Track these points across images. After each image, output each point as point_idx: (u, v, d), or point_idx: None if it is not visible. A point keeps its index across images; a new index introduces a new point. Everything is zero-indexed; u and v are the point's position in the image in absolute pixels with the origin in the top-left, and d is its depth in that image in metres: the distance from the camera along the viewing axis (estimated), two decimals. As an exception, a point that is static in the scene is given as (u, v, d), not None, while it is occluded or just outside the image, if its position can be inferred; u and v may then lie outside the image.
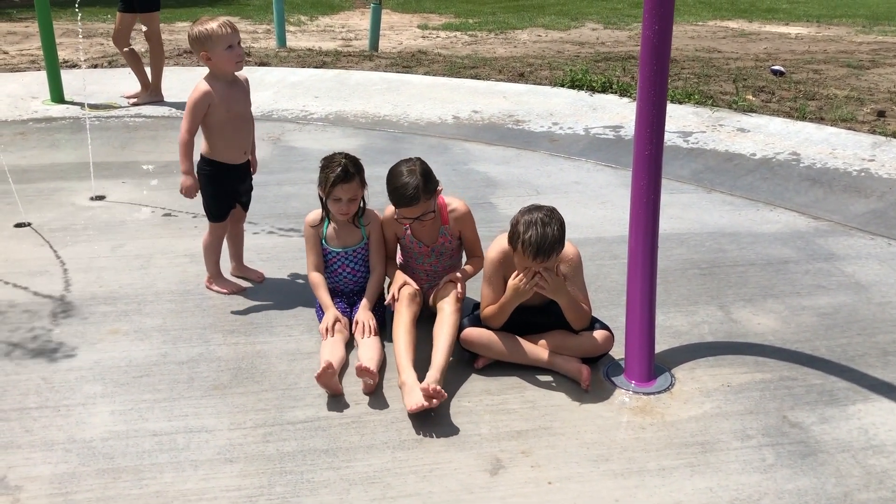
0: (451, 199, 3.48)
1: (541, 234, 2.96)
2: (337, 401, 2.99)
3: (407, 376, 2.96)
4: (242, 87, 3.67)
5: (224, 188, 3.72)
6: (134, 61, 7.39)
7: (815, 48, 11.03)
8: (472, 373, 3.20)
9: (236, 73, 3.64)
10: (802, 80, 8.38)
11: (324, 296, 3.44)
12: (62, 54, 8.77)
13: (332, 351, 3.17)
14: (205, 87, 3.52)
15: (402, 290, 3.30)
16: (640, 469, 2.66)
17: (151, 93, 7.46)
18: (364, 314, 3.36)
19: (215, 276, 3.86)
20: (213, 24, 3.49)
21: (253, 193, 3.89)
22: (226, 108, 3.56)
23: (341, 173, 3.32)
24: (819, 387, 3.13)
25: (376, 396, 3.03)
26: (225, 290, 3.83)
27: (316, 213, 3.53)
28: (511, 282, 3.09)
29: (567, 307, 3.13)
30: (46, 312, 3.62)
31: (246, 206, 3.90)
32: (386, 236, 3.53)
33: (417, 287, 3.37)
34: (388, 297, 3.35)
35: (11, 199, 4.89)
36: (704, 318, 3.66)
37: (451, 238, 3.49)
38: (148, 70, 7.48)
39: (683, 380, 3.16)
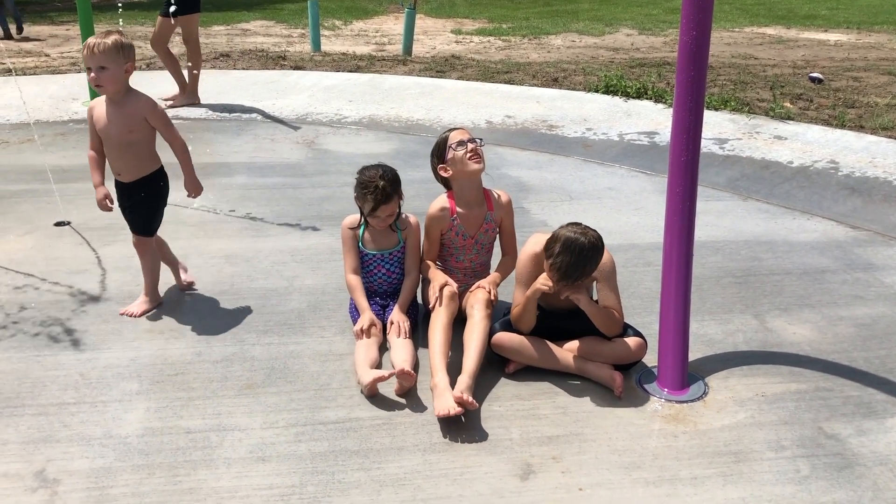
0: (495, 189, 3.58)
1: (572, 264, 2.97)
2: (368, 402, 3.01)
3: (440, 379, 2.97)
4: (124, 111, 3.41)
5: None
6: (172, 64, 7.50)
7: (854, 55, 10.86)
8: (502, 377, 3.20)
9: (129, 95, 3.43)
10: (842, 88, 8.26)
11: (360, 299, 3.46)
12: (102, 57, 8.91)
13: (366, 353, 3.19)
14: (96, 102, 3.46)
15: (443, 290, 3.31)
16: (671, 477, 2.63)
17: (188, 95, 7.57)
18: (399, 315, 3.37)
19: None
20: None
21: (287, 194, 3.89)
22: (97, 128, 3.45)
23: (382, 198, 3.34)
24: (856, 398, 3.08)
25: (408, 399, 3.04)
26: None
27: (353, 217, 3.56)
28: (538, 279, 3.10)
29: (593, 316, 3.12)
30: (84, 310, 3.69)
31: (132, 228, 3.65)
32: (431, 235, 3.53)
33: (456, 288, 3.37)
34: (431, 302, 3.32)
35: (52, 198, 4.99)
36: (739, 326, 3.62)
37: (494, 225, 3.55)
38: (185, 73, 7.59)
39: (717, 388, 3.13)
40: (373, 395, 3.02)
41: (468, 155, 3.40)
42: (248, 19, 15.06)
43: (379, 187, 3.34)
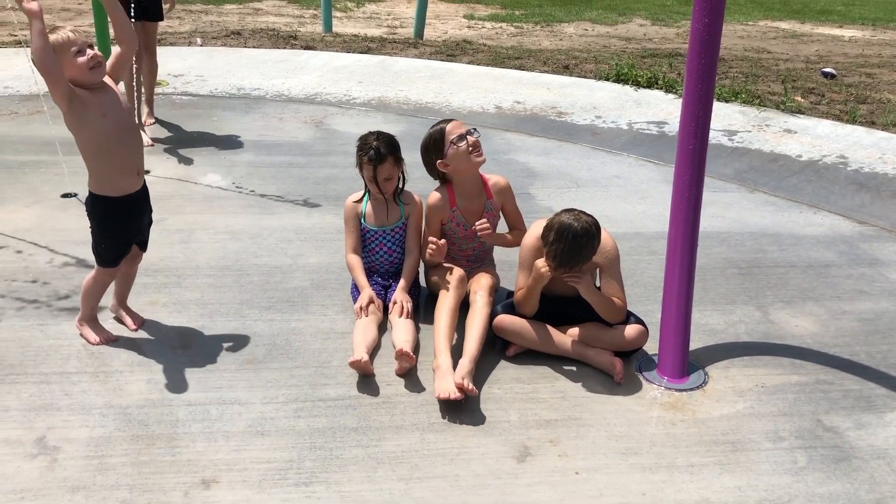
0: (491, 175, 3.55)
1: (567, 251, 2.97)
2: (368, 381, 3.02)
3: (443, 360, 2.97)
4: (115, 94, 2.99)
5: (122, 228, 3.09)
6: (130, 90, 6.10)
7: (869, 52, 10.78)
8: (503, 360, 3.20)
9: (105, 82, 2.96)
10: (854, 84, 8.20)
11: (360, 277, 3.46)
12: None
13: (364, 332, 3.19)
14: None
15: (453, 272, 3.30)
16: (668, 464, 2.64)
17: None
18: (401, 295, 3.37)
19: (89, 319, 3.24)
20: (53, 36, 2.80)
21: (294, 173, 3.84)
22: (101, 113, 2.89)
23: (374, 155, 3.35)
24: (856, 392, 3.08)
25: (408, 378, 3.04)
26: (92, 339, 3.20)
27: (356, 194, 3.56)
28: (537, 263, 3.10)
29: (595, 303, 3.12)
30: (89, 281, 3.70)
31: (144, 246, 3.25)
32: (431, 224, 3.51)
33: (463, 272, 3.37)
34: (440, 284, 3.29)
35: (59, 169, 4.99)
36: (741, 317, 3.62)
37: (495, 213, 3.53)
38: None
39: (717, 378, 3.13)
40: (366, 375, 3.03)
41: (470, 149, 3.36)
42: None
43: (374, 147, 3.35)
